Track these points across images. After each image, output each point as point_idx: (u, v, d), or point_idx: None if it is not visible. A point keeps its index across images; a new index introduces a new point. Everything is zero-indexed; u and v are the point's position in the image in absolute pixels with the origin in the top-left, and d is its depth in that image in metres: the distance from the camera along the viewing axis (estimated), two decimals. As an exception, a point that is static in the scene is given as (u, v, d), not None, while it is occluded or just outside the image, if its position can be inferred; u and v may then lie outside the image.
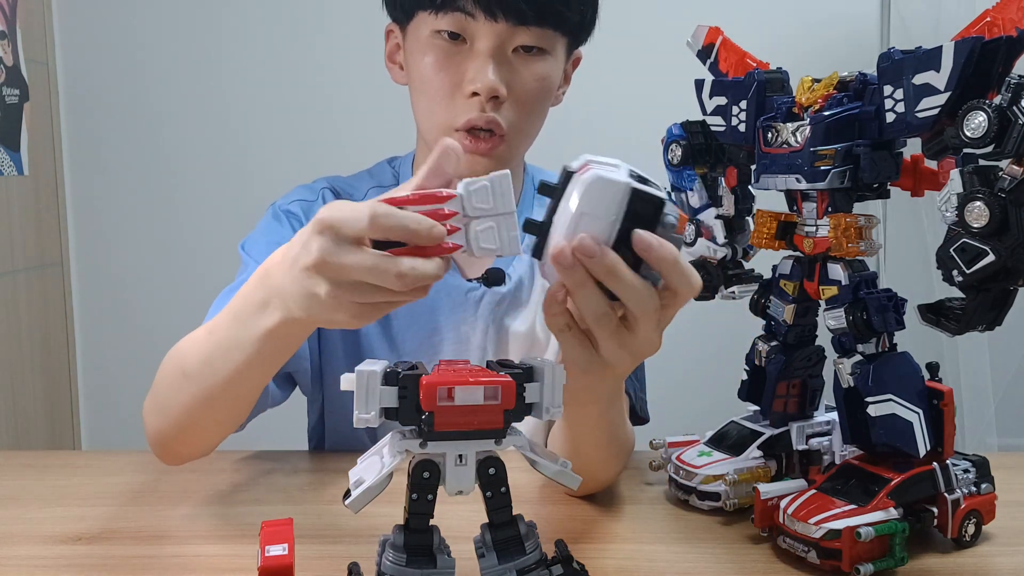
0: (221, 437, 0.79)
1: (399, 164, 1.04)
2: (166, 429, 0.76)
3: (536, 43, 0.87)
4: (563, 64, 0.93)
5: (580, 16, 0.89)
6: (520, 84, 0.87)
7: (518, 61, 0.87)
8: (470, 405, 0.51)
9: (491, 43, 0.85)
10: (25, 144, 1.85)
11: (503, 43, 0.85)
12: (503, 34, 0.85)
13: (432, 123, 0.90)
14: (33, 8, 1.89)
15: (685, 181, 0.78)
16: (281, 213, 0.97)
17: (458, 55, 0.86)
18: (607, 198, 0.53)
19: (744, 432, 0.78)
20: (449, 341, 0.97)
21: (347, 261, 0.53)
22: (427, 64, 0.87)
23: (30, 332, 1.87)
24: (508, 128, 0.88)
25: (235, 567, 0.65)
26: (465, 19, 0.84)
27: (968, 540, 0.68)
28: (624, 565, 0.66)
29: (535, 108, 0.90)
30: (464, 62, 0.86)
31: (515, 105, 0.88)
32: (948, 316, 0.61)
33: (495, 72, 0.85)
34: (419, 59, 0.88)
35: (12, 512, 0.76)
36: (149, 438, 0.79)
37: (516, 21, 0.84)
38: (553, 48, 0.89)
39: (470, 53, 0.86)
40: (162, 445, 0.79)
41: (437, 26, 0.86)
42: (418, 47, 0.88)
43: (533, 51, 0.87)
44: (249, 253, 0.93)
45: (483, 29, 0.84)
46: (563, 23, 0.88)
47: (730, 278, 0.79)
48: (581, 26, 0.91)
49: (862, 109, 0.65)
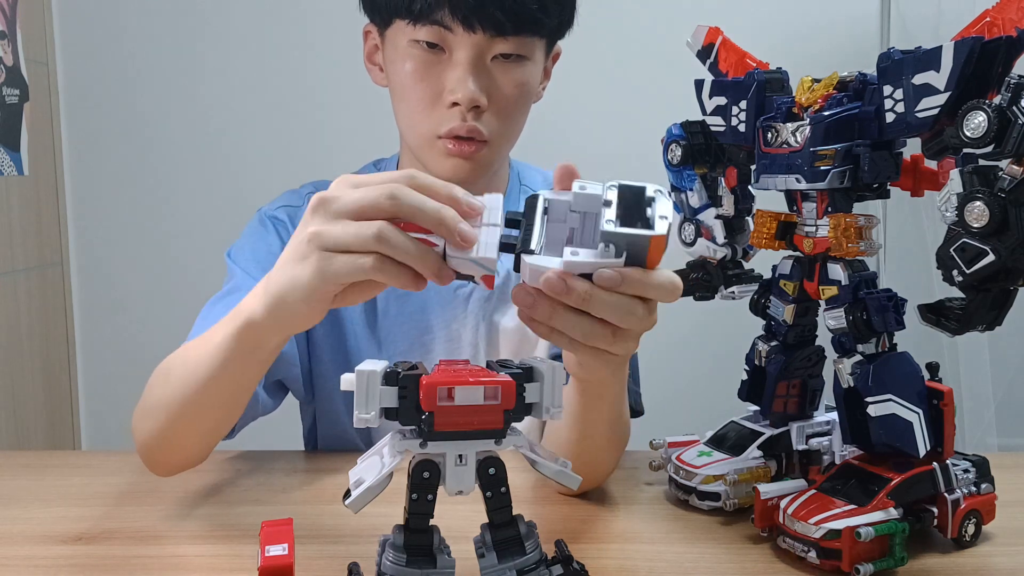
0: (205, 447, 0.79)
1: (384, 166, 1.04)
2: (150, 437, 0.76)
3: (515, 51, 0.87)
4: (542, 64, 0.94)
5: (558, 20, 0.90)
6: (500, 92, 0.87)
7: (497, 69, 0.87)
8: (470, 405, 0.51)
9: (470, 53, 0.85)
10: (25, 144, 1.85)
11: (482, 53, 0.86)
12: (481, 44, 0.85)
13: (414, 131, 0.90)
14: (33, 8, 1.89)
15: (685, 181, 0.78)
16: (267, 219, 0.97)
17: (437, 64, 0.86)
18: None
19: (744, 432, 0.78)
20: (440, 339, 0.97)
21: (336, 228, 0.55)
22: (406, 72, 0.88)
23: (30, 332, 1.86)
24: (490, 134, 0.88)
25: (235, 567, 0.65)
26: (443, 31, 0.84)
27: (968, 540, 0.68)
28: (624, 565, 0.66)
29: (516, 114, 0.91)
30: (443, 72, 0.86)
31: (496, 112, 0.88)
32: (948, 316, 0.61)
33: (475, 82, 0.85)
34: (399, 67, 0.89)
35: (12, 512, 0.76)
36: (137, 446, 0.79)
37: (494, 32, 0.84)
38: (532, 53, 0.89)
39: (449, 63, 0.86)
40: (148, 453, 0.78)
41: (415, 36, 0.86)
42: (397, 55, 0.89)
43: (512, 58, 0.87)
44: (235, 260, 0.93)
45: (461, 40, 0.84)
46: (541, 29, 0.88)
47: (730, 278, 0.79)
48: (559, 28, 0.92)
49: (862, 109, 0.65)
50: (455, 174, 0.88)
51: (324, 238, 0.55)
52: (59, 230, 2.00)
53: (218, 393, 0.71)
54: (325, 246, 0.55)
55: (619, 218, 0.51)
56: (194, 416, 0.73)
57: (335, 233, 0.55)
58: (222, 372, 0.68)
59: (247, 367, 0.69)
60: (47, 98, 1.94)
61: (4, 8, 1.77)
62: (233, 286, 0.90)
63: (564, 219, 0.55)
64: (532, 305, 0.53)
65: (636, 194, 0.53)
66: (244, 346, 0.66)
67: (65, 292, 2.02)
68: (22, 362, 1.83)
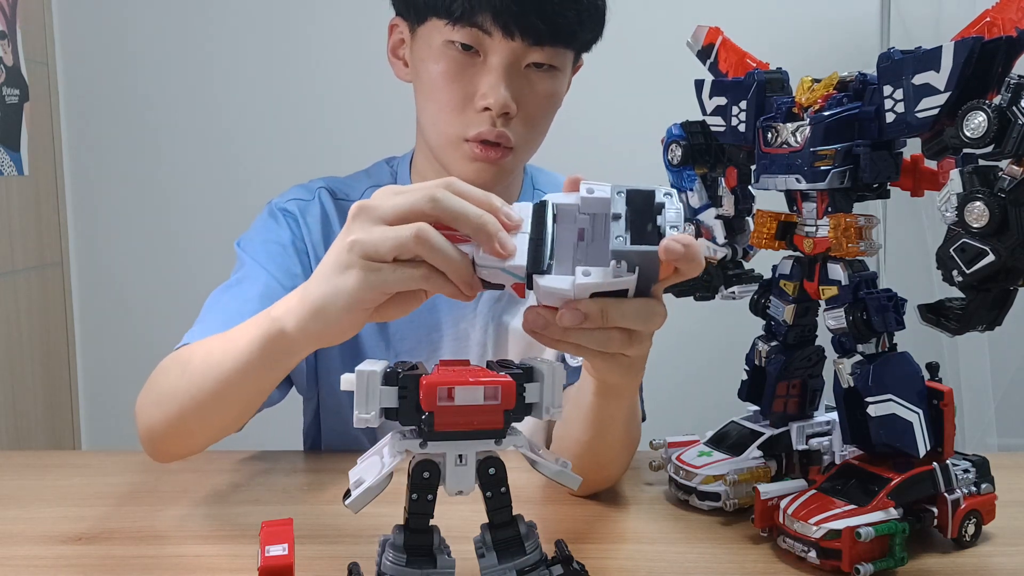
0: (212, 440, 0.78)
1: (397, 164, 1.04)
2: (157, 424, 0.76)
3: (549, 61, 0.87)
4: (569, 75, 0.94)
5: (592, 35, 0.91)
6: (530, 101, 0.88)
7: (530, 77, 0.87)
8: (470, 405, 0.51)
9: (505, 59, 0.85)
10: (25, 144, 1.85)
11: (517, 60, 0.86)
12: (518, 51, 0.85)
13: (440, 131, 0.90)
14: (33, 8, 1.89)
15: (685, 181, 0.78)
16: (277, 211, 0.97)
17: (471, 67, 0.86)
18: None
19: (744, 432, 0.78)
20: (448, 338, 0.97)
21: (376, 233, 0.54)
22: (438, 73, 0.87)
23: (30, 332, 1.86)
24: (516, 142, 0.88)
25: (235, 567, 0.65)
26: (481, 35, 0.84)
27: (968, 540, 0.68)
28: (624, 565, 0.66)
29: (543, 123, 0.91)
30: (476, 76, 0.86)
31: (524, 120, 0.88)
32: (948, 316, 0.61)
33: (507, 89, 0.85)
34: (429, 65, 0.88)
35: (12, 512, 0.76)
36: (140, 432, 0.78)
37: (532, 41, 0.84)
38: (563, 64, 0.90)
39: (483, 67, 0.86)
40: (151, 441, 0.78)
41: (451, 37, 0.85)
42: (429, 53, 0.88)
43: (544, 68, 0.88)
44: (245, 250, 0.93)
45: (498, 46, 0.84)
46: (575, 41, 0.89)
47: (730, 278, 0.79)
48: (591, 42, 0.92)
49: (862, 109, 0.65)
50: (477, 178, 0.88)
51: (364, 245, 0.55)
52: (59, 230, 2.00)
53: (237, 393, 0.70)
54: (366, 253, 0.55)
55: (628, 231, 0.51)
56: (209, 411, 0.73)
57: (374, 239, 0.54)
58: (244, 374, 0.67)
59: (271, 372, 0.68)
60: (47, 98, 1.94)
61: (4, 8, 1.77)
62: (242, 275, 0.90)
63: (574, 220, 0.55)
64: (545, 327, 0.54)
65: (646, 200, 0.52)
66: (272, 353, 0.65)
67: (65, 292, 2.02)
68: (22, 362, 1.83)
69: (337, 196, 0.99)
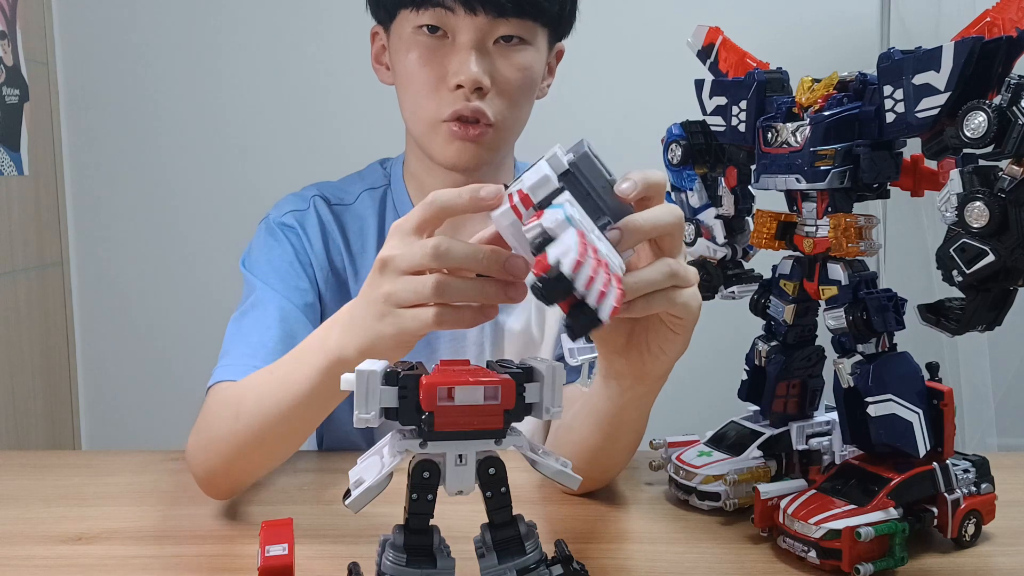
0: (268, 470, 0.79)
1: (391, 165, 1.04)
2: (217, 467, 0.75)
3: (516, 33, 0.88)
4: (545, 56, 0.95)
5: (559, 7, 0.91)
6: (503, 75, 0.89)
7: (499, 52, 0.89)
8: (470, 405, 0.51)
9: (472, 36, 0.86)
10: (25, 144, 1.85)
11: (484, 35, 0.87)
12: (483, 27, 0.86)
13: (418, 116, 0.91)
14: (33, 8, 1.89)
15: (685, 181, 0.78)
16: (275, 227, 0.97)
17: (440, 49, 0.88)
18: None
19: (744, 432, 0.78)
20: (446, 339, 0.97)
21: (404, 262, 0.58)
22: (411, 60, 0.89)
23: (30, 332, 1.86)
24: (494, 117, 0.89)
25: (235, 567, 0.65)
26: (445, 13, 0.86)
27: (968, 540, 0.68)
28: (624, 565, 0.66)
29: (519, 98, 0.92)
30: (447, 56, 0.88)
31: (499, 95, 0.89)
32: (948, 316, 0.61)
33: (477, 64, 0.86)
34: (403, 56, 0.90)
35: (12, 512, 0.76)
36: (197, 475, 0.77)
37: (496, 14, 0.86)
38: (534, 39, 0.91)
39: (452, 47, 0.88)
40: (212, 483, 0.77)
41: (419, 22, 0.87)
42: (402, 45, 0.90)
43: (514, 41, 0.89)
44: (253, 272, 0.93)
45: (463, 23, 0.86)
46: (542, 14, 0.89)
47: (730, 278, 0.79)
48: (560, 17, 0.93)
49: (862, 109, 0.65)
50: (460, 158, 0.89)
51: (396, 297, 0.59)
52: (59, 230, 2.00)
53: (301, 426, 0.72)
54: (399, 304, 0.59)
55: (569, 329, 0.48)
56: (270, 446, 0.73)
57: (400, 293, 0.59)
58: (307, 407, 0.68)
59: (333, 400, 0.69)
60: (47, 98, 1.94)
61: (4, 8, 1.77)
62: (255, 299, 0.90)
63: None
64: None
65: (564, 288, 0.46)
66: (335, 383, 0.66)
67: (65, 292, 2.02)
68: (22, 362, 1.83)
69: (332, 202, 0.99)
